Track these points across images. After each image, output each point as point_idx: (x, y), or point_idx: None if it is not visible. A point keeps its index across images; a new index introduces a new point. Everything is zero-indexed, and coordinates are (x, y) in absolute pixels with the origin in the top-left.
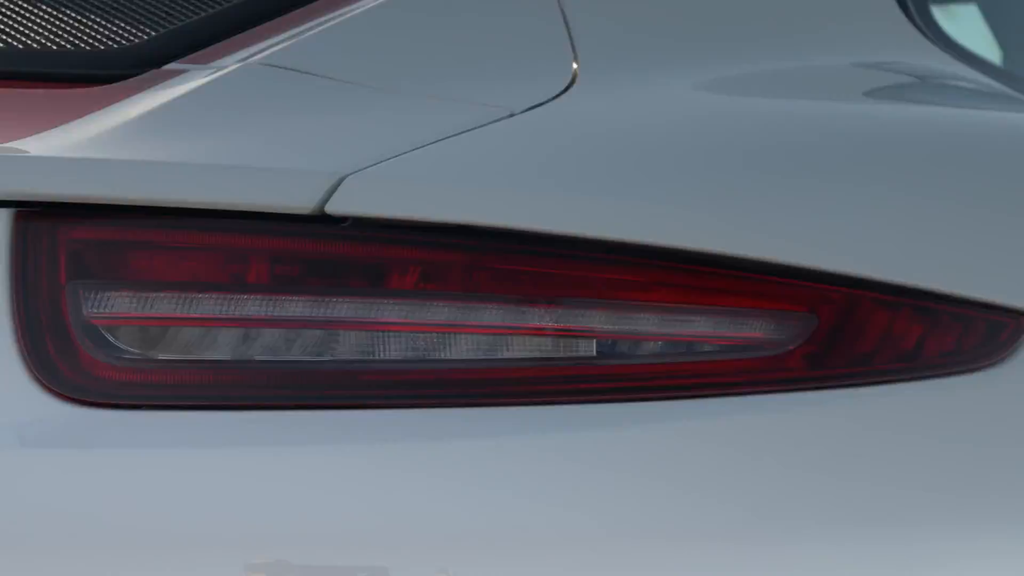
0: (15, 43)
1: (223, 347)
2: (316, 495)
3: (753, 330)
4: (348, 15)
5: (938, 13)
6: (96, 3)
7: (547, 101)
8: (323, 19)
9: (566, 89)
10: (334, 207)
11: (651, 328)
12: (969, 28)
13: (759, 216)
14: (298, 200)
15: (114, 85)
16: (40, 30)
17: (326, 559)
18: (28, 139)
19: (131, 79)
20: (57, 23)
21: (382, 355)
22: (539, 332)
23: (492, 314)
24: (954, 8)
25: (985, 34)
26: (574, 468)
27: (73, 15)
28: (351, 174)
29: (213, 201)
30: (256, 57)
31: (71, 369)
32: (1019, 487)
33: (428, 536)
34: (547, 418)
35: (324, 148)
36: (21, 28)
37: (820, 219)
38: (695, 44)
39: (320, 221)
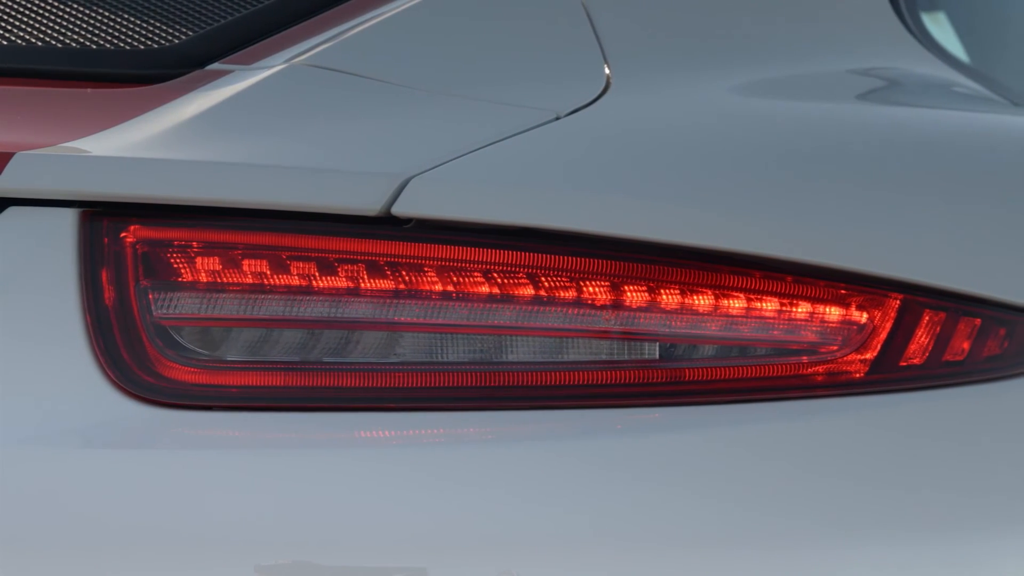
0: (59, 42)
1: (292, 348)
2: (382, 496)
3: (809, 334)
4: (383, 16)
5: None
6: (133, 3)
7: (589, 104)
8: (359, 20)
9: (603, 92)
10: (400, 209)
11: (708, 332)
12: (947, 34)
13: (815, 221)
14: (365, 202)
15: (162, 85)
16: (81, 29)
17: (391, 559)
18: (87, 139)
19: (177, 79)
20: (98, 22)
21: (446, 358)
22: (599, 335)
23: (553, 317)
24: (936, 16)
25: (958, 38)
26: (626, 472)
27: (112, 15)
28: (416, 176)
29: (279, 202)
30: (300, 58)
31: (142, 369)
32: None
33: (485, 537)
34: (603, 421)
35: (384, 150)
36: (64, 27)
37: (874, 224)
38: (713, 49)
39: (384, 223)
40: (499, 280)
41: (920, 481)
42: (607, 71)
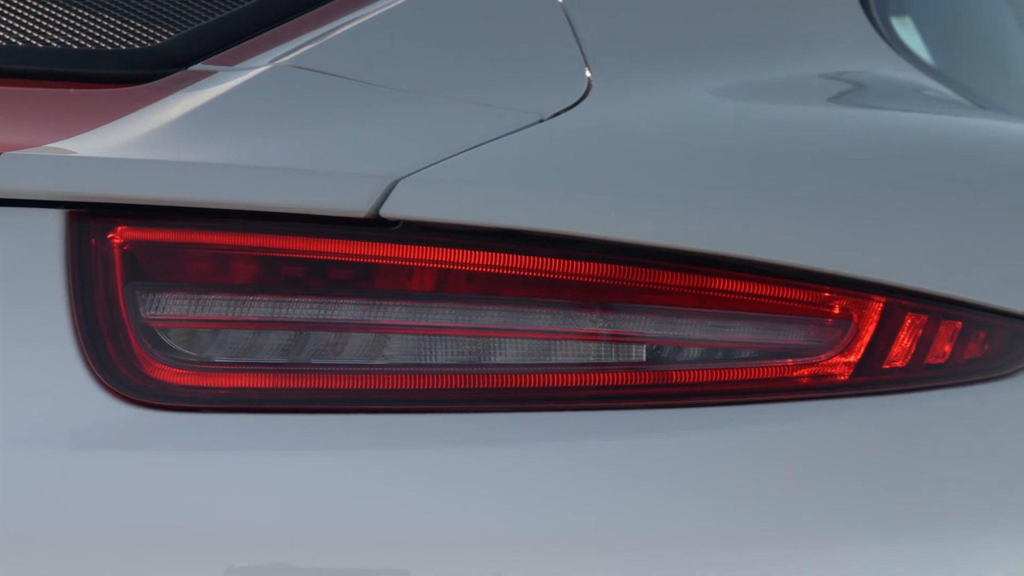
0: (40, 43)
1: (280, 350)
2: (367, 498)
3: (794, 337)
4: (365, 18)
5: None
6: (115, 2)
7: (572, 106)
8: (342, 21)
9: (586, 95)
10: (389, 210)
11: (694, 334)
12: (912, 38)
13: (799, 223)
14: (353, 203)
15: (146, 86)
16: (63, 29)
17: (375, 561)
18: (73, 139)
19: (160, 80)
20: (80, 22)
21: (433, 360)
22: (586, 337)
23: (539, 319)
24: (903, 20)
25: (923, 42)
26: (616, 474)
27: (94, 15)
28: (404, 177)
29: (267, 204)
30: (284, 59)
31: (130, 370)
32: None
33: (477, 538)
34: (590, 423)
35: (371, 152)
36: (47, 27)
37: (856, 226)
38: (691, 52)
39: (372, 225)
40: (487, 282)
41: (906, 482)
42: (588, 74)
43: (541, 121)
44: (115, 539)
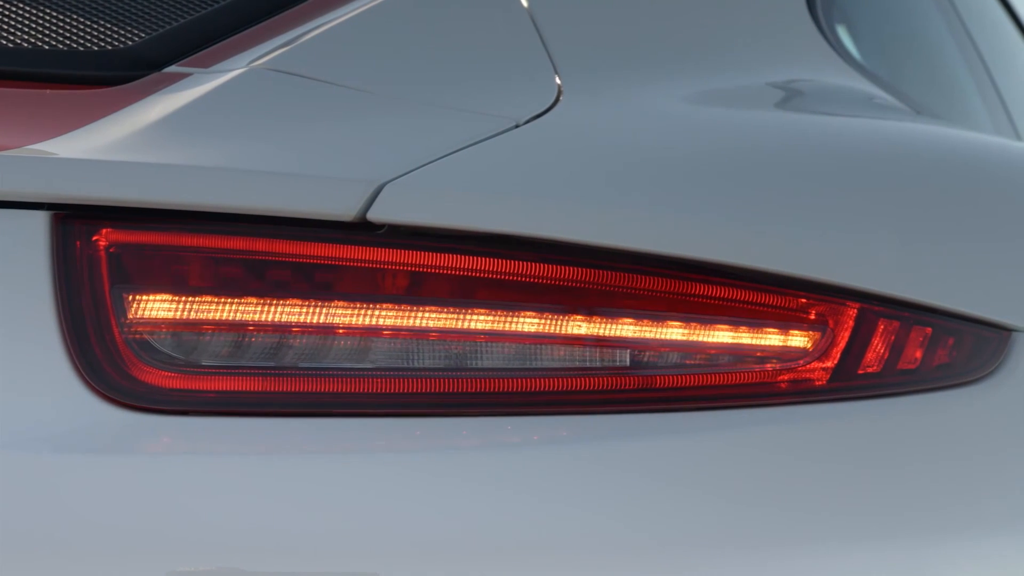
0: (12, 43)
1: (267, 353)
2: (355, 501)
3: (773, 343)
4: (339, 20)
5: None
6: (87, 3)
7: (545, 112)
8: (315, 23)
9: (557, 101)
10: (375, 214)
11: (676, 339)
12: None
13: (775, 230)
14: (340, 207)
15: (121, 87)
16: (36, 30)
17: (362, 566)
18: (52, 141)
19: (136, 82)
20: (52, 23)
21: (420, 364)
22: (568, 342)
23: (522, 324)
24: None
25: (857, 49)
26: (602, 477)
27: (65, 15)
28: (389, 181)
29: (255, 207)
30: (260, 62)
31: (117, 373)
32: (1016, 492)
33: (460, 544)
34: (575, 427)
35: (353, 156)
36: (18, 27)
37: (831, 232)
38: (656, 59)
39: (358, 229)
40: (473, 286)
41: (880, 486)
42: (557, 80)
43: (517, 127)
44: (101, 543)
